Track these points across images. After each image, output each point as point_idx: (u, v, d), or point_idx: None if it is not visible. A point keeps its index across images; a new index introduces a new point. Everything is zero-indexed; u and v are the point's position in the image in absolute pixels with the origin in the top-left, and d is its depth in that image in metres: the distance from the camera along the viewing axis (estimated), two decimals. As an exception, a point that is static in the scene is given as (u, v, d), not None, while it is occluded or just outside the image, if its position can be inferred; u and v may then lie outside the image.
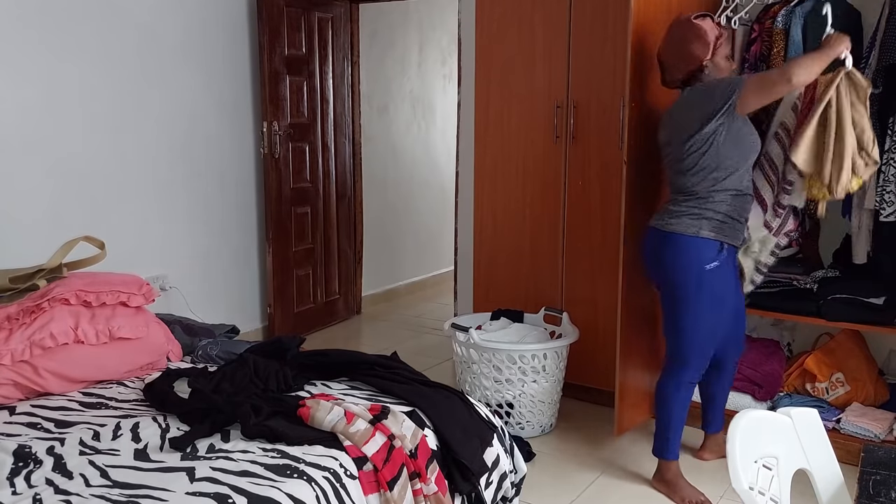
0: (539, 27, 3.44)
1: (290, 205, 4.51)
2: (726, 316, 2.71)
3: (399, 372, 2.36)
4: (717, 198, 2.58)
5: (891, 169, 2.78)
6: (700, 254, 2.58)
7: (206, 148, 4.12)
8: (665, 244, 2.65)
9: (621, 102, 3.16)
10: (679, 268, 2.63)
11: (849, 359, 3.11)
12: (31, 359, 2.23)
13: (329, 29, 4.70)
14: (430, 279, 6.07)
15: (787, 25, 2.93)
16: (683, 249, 2.60)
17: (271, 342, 2.63)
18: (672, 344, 2.72)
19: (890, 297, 2.89)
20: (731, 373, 2.95)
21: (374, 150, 5.35)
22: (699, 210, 2.58)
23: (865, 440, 2.83)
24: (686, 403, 2.75)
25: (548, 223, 3.52)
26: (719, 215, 2.58)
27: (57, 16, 3.39)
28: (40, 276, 2.52)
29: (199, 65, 4.04)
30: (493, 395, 3.19)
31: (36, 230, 3.34)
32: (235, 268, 4.37)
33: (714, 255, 2.59)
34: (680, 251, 2.61)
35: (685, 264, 2.61)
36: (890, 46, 2.75)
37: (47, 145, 3.41)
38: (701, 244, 2.58)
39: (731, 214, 2.60)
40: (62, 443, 1.91)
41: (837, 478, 1.45)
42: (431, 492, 1.92)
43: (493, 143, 3.64)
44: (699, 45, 2.62)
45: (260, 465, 1.80)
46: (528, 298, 3.58)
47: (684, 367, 2.69)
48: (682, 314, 2.66)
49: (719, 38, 2.64)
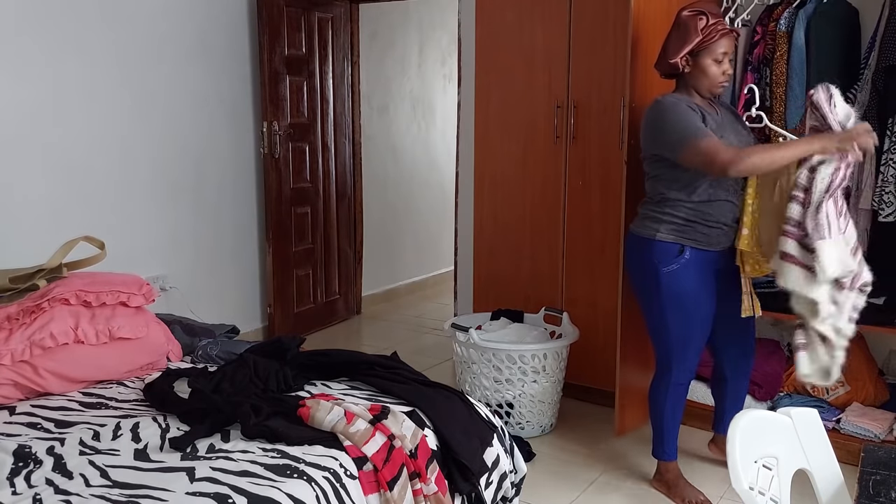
0: (539, 27, 3.44)
1: (290, 205, 4.51)
2: (699, 320, 2.62)
3: (399, 372, 2.36)
4: (678, 203, 2.54)
5: (889, 170, 2.78)
6: (657, 255, 2.56)
7: (207, 148, 4.12)
8: (627, 246, 2.70)
9: (621, 102, 3.16)
10: (639, 270, 2.66)
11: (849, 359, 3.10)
12: (31, 359, 2.23)
13: (329, 29, 4.70)
14: (430, 279, 6.08)
15: (789, 28, 2.93)
16: (642, 251, 2.61)
17: (271, 342, 2.63)
18: (657, 347, 2.73)
19: (890, 297, 2.89)
20: (739, 383, 2.87)
21: (374, 150, 5.35)
22: (659, 213, 2.57)
23: (865, 440, 2.83)
24: (678, 404, 2.73)
25: (548, 223, 3.52)
26: (678, 219, 2.54)
27: (57, 16, 3.39)
28: (40, 276, 2.52)
29: (199, 65, 4.04)
30: (493, 395, 3.19)
31: (36, 230, 3.34)
32: (235, 268, 4.37)
33: (673, 258, 2.54)
34: (639, 253, 2.63)
35: (643, 266, 2.62)
36: (889, 47, 2.75)
37: (47, 145, 3.41)
38: (658, 246, 2.55)
39: (693, 218, 2.53)
40: (62, 443, 1.91)
41: (837, 478, 1.45)
42: (431, 492, 1.92)
43: (493, 143, 3.64)
44: (674, 42, 2.53)
45: (260, 465, 1.79)
46: (528, 298, 3.58)
47: (667, 369, 2.69)
48: (647, 316, 2.69)
49: (705, 41, 2.47)
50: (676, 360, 2.66)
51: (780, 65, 2.96)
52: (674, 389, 2.70)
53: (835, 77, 2.52)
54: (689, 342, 2.65)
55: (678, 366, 2.67)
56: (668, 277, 2.55)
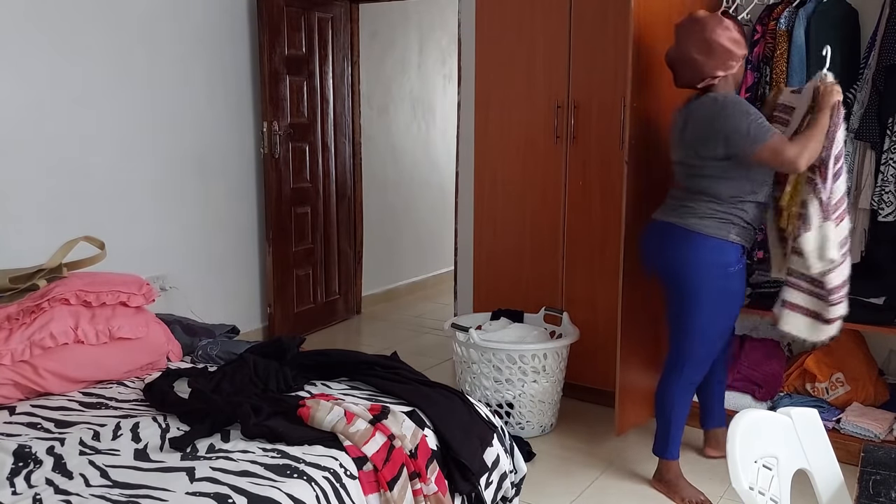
0: (539, 27, 3.44)
1: (290, 205, 4.51)
2: (734, 319, 2.77)
3: (399, 372, 2.36)
4: (744, 206, 2.57)
5: (889, 169, 2.78)
6: (726, 257, 2.58)
7: (206, 148, 4.12)
8: (686, 243, 2.60)
9: (622, 102, 3.16)
10: (701, 269, 2.60)
11: (849, 359, 3.11)
12: (31, 359, 2.23)
13: (329, 29, 4.70)
14: (430, 279, 6.07)
15: (789, 27, 2.93)
16: (709, 251, 2.58)
17: (271, 342, 2.63)
18: (680, 344, 2.70)
19: (890, 297, 2.89)
20: (726, 365, 2.99)
21: (374, 150, 5.35)
22: (727, 215, 2.56)
23: (865, 440, 2.83)
24: (689, 403, 2.75)
25: (548, 223, 3.52)
26: (743, 222, 2.58)
27: (57, 16, 3.39)
28: (40, 276, 2.52)
29: (199, 64, 4.04)
30: (493, 395, 3.19)
31: (36, 230, 3.34)
32: (235, 268, 4.37)
33: (737, 259, 2.60)
34: (705, 252, 2.59)
35: (709, 266, 2.59)
36: (890, 47, 2.75)
37: (47, 145, 3.41)
38: (728, 248, 2.57)
39: (752, 223, 2.61)
40: (62, 443, 1.91)
41: (837, 478, 1.45)
42: (431, 492, 1.92)
43: (493, 143, 3.64)
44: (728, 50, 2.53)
45: (260, 465, 1.80)
46: (528, 298, 3.58)
47: (693, 367, 2.70)
48: (696, 315, 2.63)
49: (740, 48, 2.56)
50: (700, 359, 2.70)
51: (780, 63, 2.96)
52: (688, 388, 2.73)
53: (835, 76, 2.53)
54: (718, 341, 2.71)
55: (699, 364, 2.71)
56: (730, 278, 2.61)
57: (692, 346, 2.67)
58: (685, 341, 2.68)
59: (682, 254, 2.62)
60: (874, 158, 2.85)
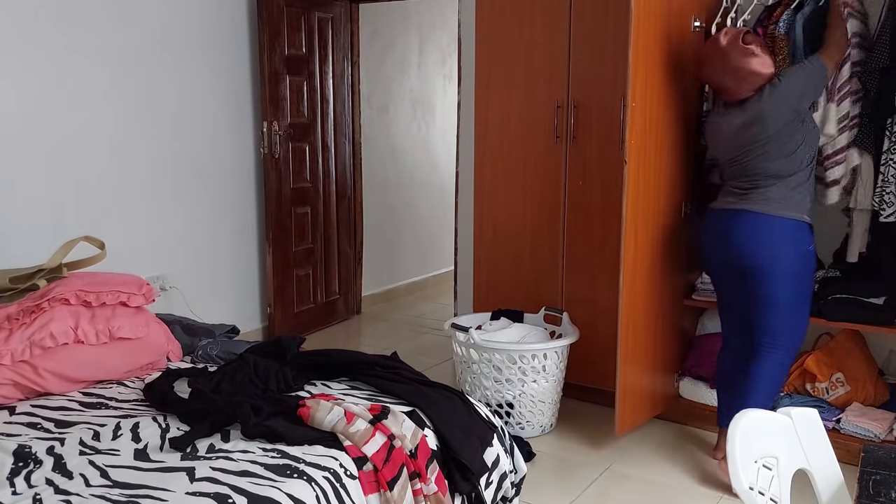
0: (539, 27, 3.44)
1: (290, 205, 4.51)
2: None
3: (399, 372, 2.36)
4: (811, 179, 2.73)
5: (889, 170, 2.78)
6: (805, 236, 2.73)
7: (206, 148, 4.12)
8: (773, 229, 2.72)
9: (622, 102, 3.16)
10: (788, 252, 2.72)
11: (849, 359, 3.11)
12: (31, 359, 2.23)
13: (329, 29, 4.70)
14: (430, 279, 6.08)
15: (788, 30, 2.93)
16: (791, 232, 2.71)
17: (271, 342, 2.63)
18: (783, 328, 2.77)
19: (890, 297, 2.89)
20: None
21: (374, 150, 5.35)
22: (800, 195, 2.71)
23: (865, 440, 2.83)
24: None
25: (548, 223, 3.52)
26: (810, 197, 2.74)
27: (57, 16, 3.39)
28: (40, 276, 2.52)
29: (199, 64, 4.04)
30: (493, 395, 3.19)
31: (36, 230, 3.34)
32: (235, 268, 4.37)
33: (810, 238, 2.75)
34: (790, 234, 2.71)
35: (796, 247, 2.73)
36: (883, 48, 2.76)
37: (48, 145, 3.41)
38: (804, 227, 2.73)
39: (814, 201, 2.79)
40: (62, 443, 1.91)
41: (837, 478, 1.45)
42: (431, 492, 1.92)
43: (493, 143, 3.64)
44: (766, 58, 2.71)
45: (260, 465, 1.80)
46: (528, 298, 3.58)
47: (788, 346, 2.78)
48: (795, 294, 2.75)
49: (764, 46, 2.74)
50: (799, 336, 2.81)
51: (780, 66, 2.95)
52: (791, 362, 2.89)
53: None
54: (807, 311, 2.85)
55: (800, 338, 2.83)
56: (810, 256, 2.77)
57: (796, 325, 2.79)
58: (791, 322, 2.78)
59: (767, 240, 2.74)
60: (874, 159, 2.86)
